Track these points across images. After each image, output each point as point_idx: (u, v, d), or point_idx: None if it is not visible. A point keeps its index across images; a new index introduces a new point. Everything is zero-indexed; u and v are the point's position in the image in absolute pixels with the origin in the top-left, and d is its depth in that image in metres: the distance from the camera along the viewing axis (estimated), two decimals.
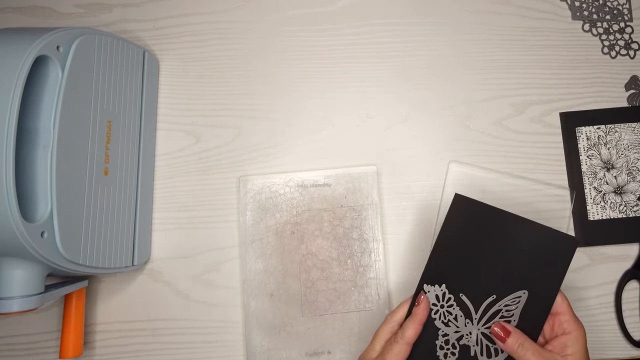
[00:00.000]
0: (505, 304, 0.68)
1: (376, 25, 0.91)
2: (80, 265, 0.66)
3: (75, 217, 0.65)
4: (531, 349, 0.63)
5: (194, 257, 0.83)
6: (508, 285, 0.69)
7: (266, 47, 0.91)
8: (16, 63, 0.57)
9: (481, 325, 0.69)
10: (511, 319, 0.68)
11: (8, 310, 0.60)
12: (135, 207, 0.79)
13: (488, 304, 0.69)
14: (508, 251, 0.69)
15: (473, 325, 0.69)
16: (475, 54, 0.91)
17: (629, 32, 0.92)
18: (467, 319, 0.69)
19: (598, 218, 0.84)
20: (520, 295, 0.68)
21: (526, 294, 0.68)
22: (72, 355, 0.74)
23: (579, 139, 0.86)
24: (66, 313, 0.75)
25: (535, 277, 0.68)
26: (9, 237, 0.56)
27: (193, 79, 0.89)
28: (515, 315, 0.68)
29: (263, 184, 0.84)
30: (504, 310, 0.68)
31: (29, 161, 0.61)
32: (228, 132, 0.87)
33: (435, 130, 0.88)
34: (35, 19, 0.91)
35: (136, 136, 0.81)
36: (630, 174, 0.85)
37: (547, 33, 0.91)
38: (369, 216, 0.83)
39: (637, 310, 0.83)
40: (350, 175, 0.85)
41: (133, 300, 0.82)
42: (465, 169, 0.85)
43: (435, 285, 0.70)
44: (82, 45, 0.67)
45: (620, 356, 0.82)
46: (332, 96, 0.89)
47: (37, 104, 0.62)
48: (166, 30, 0.91)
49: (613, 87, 0.89)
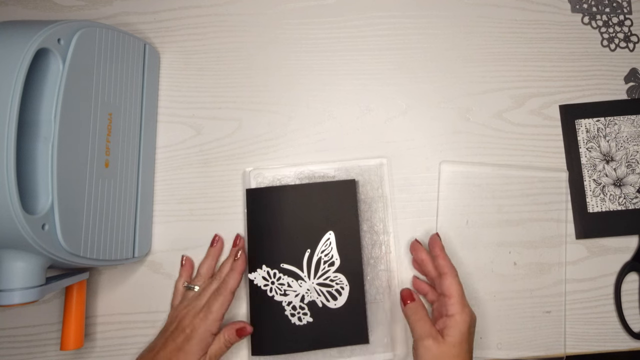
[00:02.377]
0: (321, 250, 0.78)
1: (376, 18, 0.91)
2: (81, 257, 0.66)
3: (76, 210, 0.65)
4: (427, 317, 0.70)
5: (195, 249, 0.83)
6: (315, 235, 0.79)
7: (267, 39, 0.91)
8: (17, 56, 0.57)
9: (314, 278, 0.78)
10: (333, 260, 0.78)
11: (9, 302, 0.60)
12: (136, 199, 0.79)
13: (308, 259, 0.78)
14: (306, 213, 0.79)
15: (307, 282, 0.78)
16: (475, 46, 0.91)
17: (629, 25, 0.91)
18: (299, 281, 0.78)
19: (597, 210, 0.84)
20: (329, 237, 0.79)
21: (332, 233, 0.79)
22: (73, 347, 0.74)
23: (578, 131, 0.87)
24: (67, 305, 0.75)
25: (335, 220, 0.80)
26: (10, 229, 0.56)
27: (194, 72, 0.89)
28: (334, 256, 0.78)
29: (274, 177, 0.84)
30: (324, 256, 0.78)
31: (30, 153, 0.61)
32: (229, 124, 0.87)
33: (435, 123, 0.88)
34: (36, 12, 0.91)
35: (137, 128, 0.81)
36: (630, 166, 0.85)
37: (547, 26, 0.91)
38: (379, 209, 0.83)
39: (637, 302, 0.83)
40: (360, 168, 0.85)
41: (134, 292, 0.82)
42: (457, 167, 0.85)
43: (257, 270, 0.79)
44: (83, 38, 0.67)
45: (620, 348, 0.82)
46: (333, 89, 0.89)
47: (38, 97, 0.62)
48: (167, 23, 0.91)
49: (612, 80, 0.89)
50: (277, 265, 0.79)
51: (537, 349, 0.81)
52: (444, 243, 0.77)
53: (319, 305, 0.78)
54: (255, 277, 0.78)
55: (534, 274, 0.82)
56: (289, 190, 0.81)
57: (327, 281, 0.78)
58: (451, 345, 0.66)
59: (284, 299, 0.78)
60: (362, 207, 0.83)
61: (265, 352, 0.77)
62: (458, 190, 0.85)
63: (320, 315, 0.78)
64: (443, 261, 0.73)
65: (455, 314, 0.68)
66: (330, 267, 0.78)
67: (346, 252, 0.79)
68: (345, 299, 0.78)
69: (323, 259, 0.78)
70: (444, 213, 0.84)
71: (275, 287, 0.78)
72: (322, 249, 0.79)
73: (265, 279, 0.78)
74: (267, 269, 0.78)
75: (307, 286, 0.78)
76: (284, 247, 0.79)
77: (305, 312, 0.78)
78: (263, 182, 0.84)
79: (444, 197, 0.84)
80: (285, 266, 0.78)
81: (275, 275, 0.78)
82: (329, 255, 0.79)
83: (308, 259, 0.79)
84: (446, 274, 0.72)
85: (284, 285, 0.78)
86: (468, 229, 0.83)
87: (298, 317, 0.78)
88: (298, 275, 0.78)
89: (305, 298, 0.78)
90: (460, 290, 0.70)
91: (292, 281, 0.78)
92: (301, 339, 0.77)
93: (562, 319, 0.81)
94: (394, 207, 0.85)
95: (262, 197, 0.81)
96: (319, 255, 0.79)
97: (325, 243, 0.79)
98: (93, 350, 0.81)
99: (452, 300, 0.69)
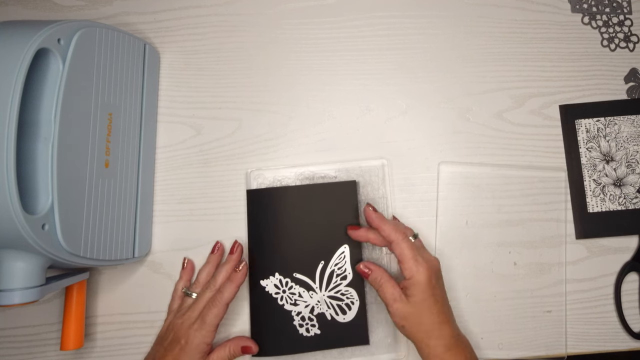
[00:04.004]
0: (335, 263, 0.78)
1: (376, 18, 0.91)
2: (81, 257, 0.66)
3: (76, 210, 0.65)
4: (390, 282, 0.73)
5: (195, 249, 0.83)
6: (329, 247, 0.78)
7: (267, 39, 0.91)
8: (17, 56, 0.57)
9: (325, 291, 0.78)
10: (346, 274, 0.78)
11: (9, 302, 0.60)
12: (136, 199, 0.79)
13: (321, 271, 0.78)
14: (313, 218, 0.79)
15: (318, 294, 0.78)
16: (475, 46, 0.91)
17: (629, 25, 0.91)
18: (310, 292, 0.78)
19: (597, 210, 0.84)
20: (343, 251, 0.78)
21: (347, 247, 0.78)
22: (73, 347, 0.74)
23: (578, 131, 0.87)
24: (67, 305, 0.75)
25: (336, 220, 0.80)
26: (10, 229, 0.56)
27: (194, 72, 0.89)
28: (347, 270, 0.78)
29: (274, 178, 0.84)
30: (337, 269, 0.78)
31: (30, 154, 0.61)
32: (229, 124, 0.87)
33: (435, 123, 0.88)
34: (36, 12, 0.91)
35: (137, 128, 0.81)
36: (630, 166, 0.85)
37: (547, 26, 0.91)
38: (380, 210, 0.83)
39: (637, 302, 0.83)
40: (361, 169, 0.85)
41: (134, 292, 0.82)
42: (455, 168, 0.85)
43: (270, 277, 0.78)
44: (83, 38, 0.67)
45: (620, 348, 0.82)
46: (333, 89, 0.89)
47: (38, 97, 0.62)
48: (167, 23, 0.91)
49: (612, 80, 0.89)
50: (290, 274, 0.79)
51: (538, 349, 0.81)
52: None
53: (328, 318, 0.78)
54: (268, 284, 0.78)
55: (534, 274, 0.82)
56: (290, 191, 0.81)
57: (338, 294, 0.78)
58: (416, 304, 0.71)
59: (293, 309, 0.78)
60: (362, 208, 0.82)
61: (268, 354, 0.77)
62: (458, 191, 0.85)
63: (328, 328, 0.78)
64: (386, 230, 0.75)
65: (411, 276, 0.71)
66: (342, 281, 0.78)
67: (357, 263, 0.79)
68: (354, 313, 0.78)
69: (336, 272, 0.78)
70: (443, 213, 0.84)
71: (287, 296, 0.78)
72: (336, 261, 0.79)
73: (277, 287, 0.78)
74: (280, 277, 0.78)
75: (317, 298, 0.78)
76: (298, 256, 0.79)
77: (314, 324, 0.78)
78: (264, 182, 0.84)
79: (444, 197, 0.84)
80: (298, 276, 0.78)
81: (288, 284, 0.78)
82: (342, 268, 0.78)
83: (321, 271, 0.79)
84: (392, 242, 0.73)
85: (295, 295, 0.78)
86: (468, 229, 0.83)
87: (306, 329, 0.78)
88: (310, 286, 0.78)
89: (314, 310, 0.78)
90: (409, 252, 0.72)
91: (304, 291, 0.78)
92: (305, 348, 0.78)
93: (563, 319, 0.81)
94: (393, 207, 0.85)
95: (263, 198, 0.81)
96: (332, 268, 0.79)
97: (339, 256, 0.79)
98: (93, 350, 0.81)
99: (404, 265, 0.72)
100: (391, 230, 0.74)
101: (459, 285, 0.82)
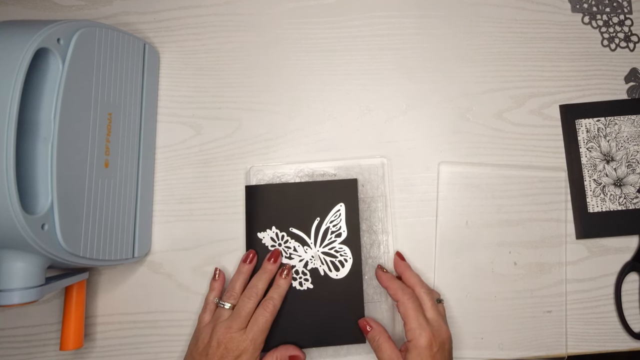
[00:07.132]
0: (330, 220, 0.80)
1: (376, 18, 0.91)
2: (80, 257, 0.66)
3: (75, 209, 0.65)
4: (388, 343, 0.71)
5: (195, 249, 0.83)
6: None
7: (267, 39, 0.91)
8: (17, 55, 0.57)
9: (319, 247, 0.79)
10: (340, 231, 0.79)
11: (8, 303, 0.60)
12: (136, 199, 0.79)
13: (316, 227, 0.79)
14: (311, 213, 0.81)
15: (312, 249, 0.79)
16: (475, 46, 0.91)
17: (629, 25, 0.91)
18: (305, 247, 0.79)
19: (598, 210, 0.84)
20: (339, 209, 0.80)
21: (343, 205, 0.80)
22: (73, 347, 0.74)
23: (578, 131, 0.87)
24: (67, 305, 0.75)
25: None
26: (10, 229, 0.56)
27: (193, 72, 0.89)
28: (342, 227, 0.80)
29: (273, 174, 0.84)
30: (332, 226, 0.80)
31: (29, 153, 0.61)
32: (229, 124, 0.87)
33: (435, 123, 0.88)
34: (35, 12, 0.90)
35: (137, 128, 0.81)
36: (630, 166, 0.85)
37: (547, 25, 0.91)
38: (379, 208, 0.83)
39: (637, 303, 0.83)
40: (360, 167, 0.85)
41: (133, 292, 0.82)
42: (455, 168, 0.85)
43: (267, 230, 0.80)
44: (83, 37, 0.67)
45: (620, 348, 0.82)
46: (332, 89, 0.89)
47: (37, 97, 0.62)
48: (167, 23, 0.91)
49: (613, 80, 0.89)
50: (286, 228, 0.80)
51: (539, 349, 0.81)
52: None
53: (321, 273, 0.79)
54: (264, 236, 0.80)
55: (534, 274, 0.82)
56: (289, 187, 0.82)
57: (332, 251, 0.79)
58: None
59: (288, 262, 0.79)
60: (361, 206, 0.82)
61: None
62: (458, 191, 0.85)
63: (321, 283, 0.79)
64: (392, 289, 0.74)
65: (412, 339, 0.69)
66: (337, 238, 0.80)
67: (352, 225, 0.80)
68: (347, 271, 0.79)
69: (331, 229, 0.80)
70: (443, 213, 0.84)
71: (282, 249, 0.80)
72: (331, 219, 0.80)
73: (273, 240, 0.80)
74: (277, 230, 0.80)
75: (312, 253, 0.80)
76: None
77: (307, 278, 0.79)
78: (263, 179, 0.84)
79: (444, 197, 0.84)
80: (294, 230, 0.80)
81: (284, 238, 0.80)
82: (337, 226, 0.80)
83: (316, 227, 0.80)
84: (397, 301, 0.73)
85: (290, 249, 0.80)
86: (468, 229, 0.83)
87: (299, 282, 0.79)
88: (305, 241, 0.80)
89: (308, 264, 0.79)
90: (413, 314, 0.70)
91: (299, 246, 0.80)
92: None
93: (563, 319, 0.81)
94: (393, 207, 0.85)
95: (262, 194, 0.82)
96: (327, 225, 0.80)
97: (335, 213, 0.80)
98: (93, 351, 0.81)
99: (407, 326, 0.70)
100: (397, 289, 0.73)
101: (459, 286, 0.82)
